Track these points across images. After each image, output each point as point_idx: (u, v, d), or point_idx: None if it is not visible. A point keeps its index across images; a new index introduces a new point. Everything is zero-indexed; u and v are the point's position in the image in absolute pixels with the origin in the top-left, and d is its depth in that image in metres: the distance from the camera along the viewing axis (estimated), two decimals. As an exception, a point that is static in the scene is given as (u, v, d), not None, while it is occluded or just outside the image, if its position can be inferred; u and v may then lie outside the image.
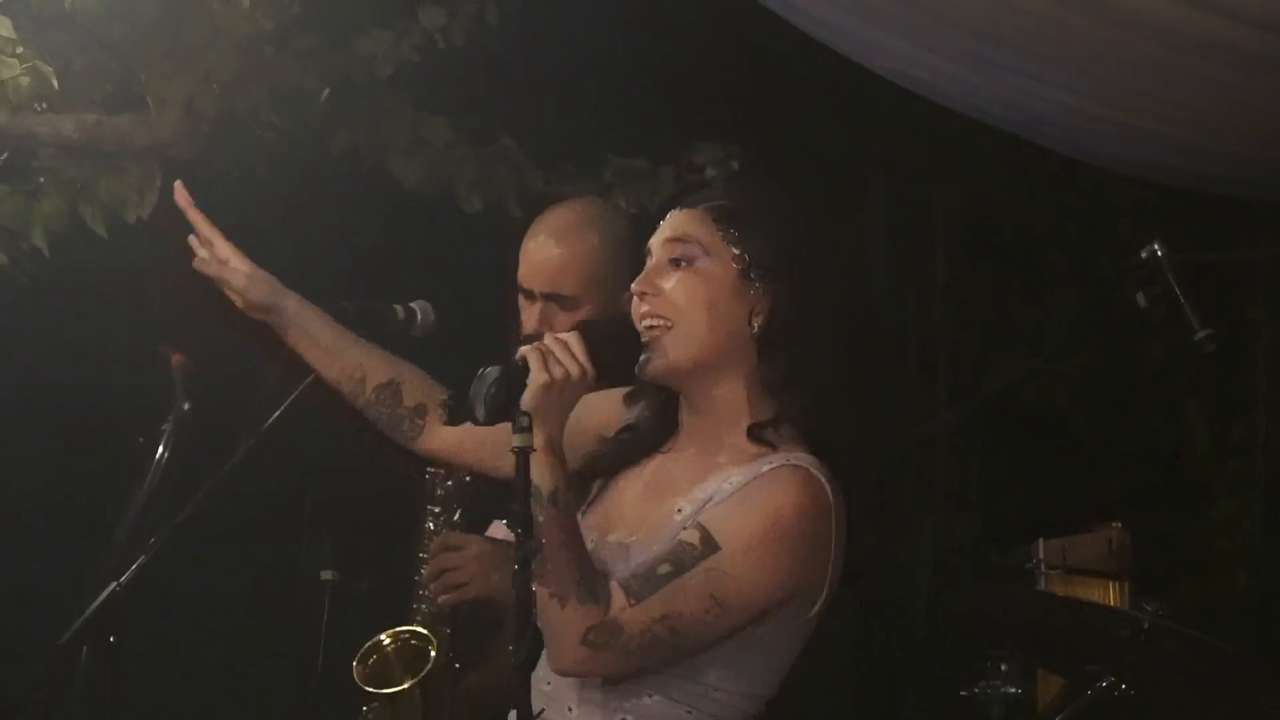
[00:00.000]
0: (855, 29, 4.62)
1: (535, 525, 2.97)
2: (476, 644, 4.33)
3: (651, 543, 3.15)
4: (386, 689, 4.31)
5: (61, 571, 4.49)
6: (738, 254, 3.22)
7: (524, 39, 5.34)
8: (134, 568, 3.95)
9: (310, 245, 5.11)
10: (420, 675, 4.29)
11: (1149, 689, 4.13)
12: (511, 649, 2.93)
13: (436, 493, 4.39)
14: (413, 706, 4.29)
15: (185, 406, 4.28)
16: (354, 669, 4.32)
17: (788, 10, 4.60)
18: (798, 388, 3.20)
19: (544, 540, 3.04)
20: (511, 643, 2.93)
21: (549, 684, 3.18)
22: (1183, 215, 5.60)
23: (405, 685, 4.30)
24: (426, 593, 4.27)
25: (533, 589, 2.95)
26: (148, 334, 4.67)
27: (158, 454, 4.23)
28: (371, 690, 4.32)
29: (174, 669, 5.27)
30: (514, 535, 2.95)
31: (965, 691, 4.73)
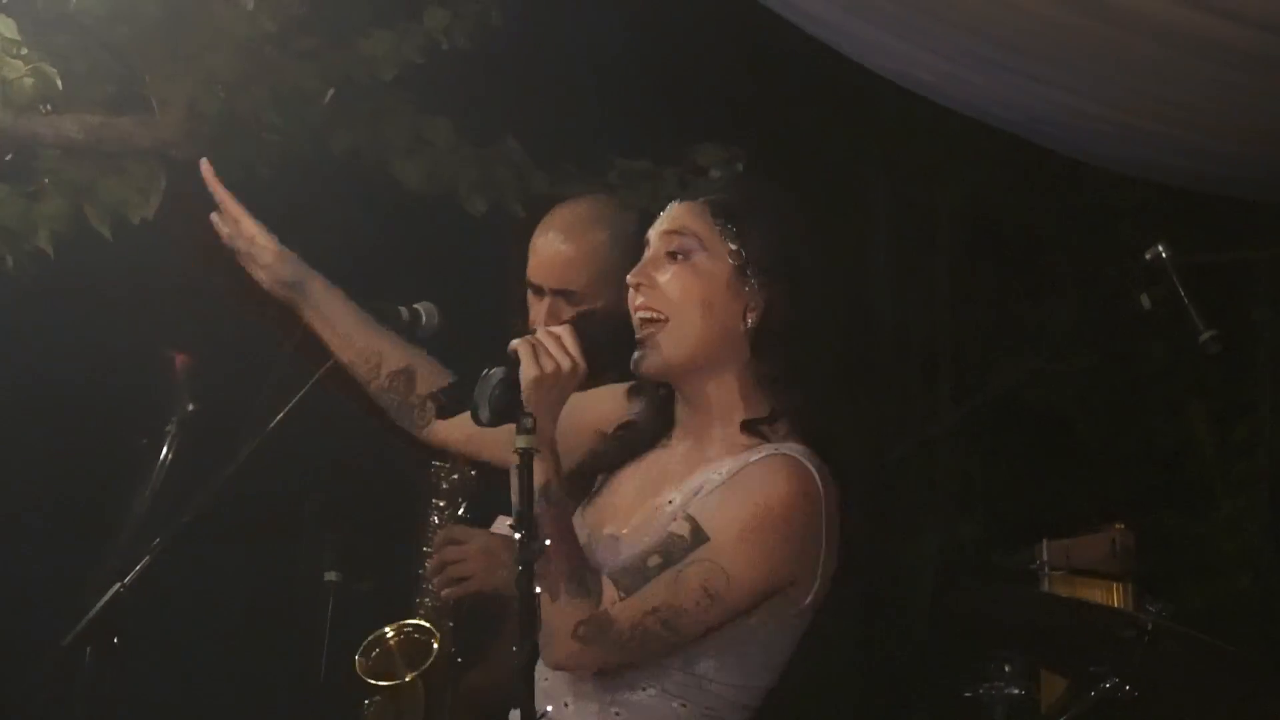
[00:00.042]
0: (856, 29, 4.62)
1: (535, 523, 2.96)
2: (480, 639, 4.33)
3: (643, 536, 3.16)
4: (389, 681, 4.32)
5: (65, 572, 4.50)
6: (734, 249, 3.22)
7: (527, 40, 5.34)
8: (137, 568, 3.97)
9: (313, 246, 5.10)
10: (423, 668, 4.29)
11: (1152, 690, 4.12)
12: (515, 649, 2.93)
13: (441, 486, 4.39)
14: (415, 700, 4.29)
15: (189, 407, 4.29)
16: (356, 661, 4.32)
17: (789, 11, 4.60)
18: (792, 385, 3.20)
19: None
20: (515, 642, 2.93)
21: (546, 679, 3.17)
22: (1186, 216, 5.59)
23: (408, 678, 4.30)
24: (430, 586, 4.27)
25: (536, 590, 2.94)
26: (151, 335, 4.67)
27: (161, 455, 4.24)
28: (374, 683, 4.32)
29: (177, 669, 5.28)
30: (517, 536, 2.94)
31: (969, 693, 4.73)
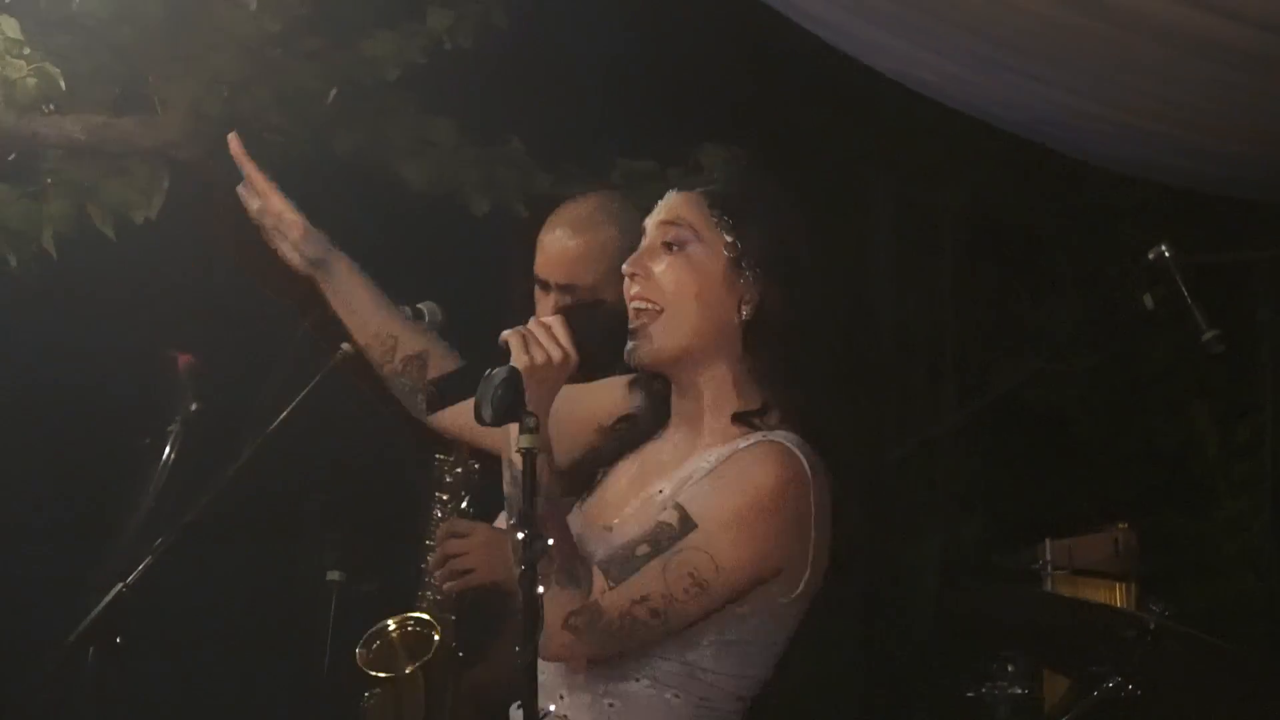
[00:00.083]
0: (858, 29, 4.63)
1: (539, 524, 2.94)
2: (482, 633, 4.33)
3: (634, 526, 3.15)
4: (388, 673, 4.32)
5: (68, 571, 4.50)
6: (730, 241, 3.21)
7: (530, 40, 5.34)
8: (140, 568, 3.97)
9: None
10: (423, 660, 4.29)
11: (1155, 690, 4.12)
12: (518, 649, 2.93)
13: (445, 480, 4.39)
14: (415, 693, 4.29)
15: (192, 407, 4.29)
16: (357, 653, 4.32)
17: (792, 11, 4.60)
18: (786, 378, 3.19)
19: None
20: (517, 639, 2.93)
21: (542, 673, 3.14)
22: (1189, 216, 5.59)
23: (408, 670, 4.30)
24: (432, 580, 4.27)
25: (539, 590, 2.93)
26: (154, 335, 4.68)
27: (164, 455, 4.24)
28: (374, 674, 4.32)
29: (179, 669, 5.28)
30: (520, 536, 2.93)
31: (971, 692, 4.73)
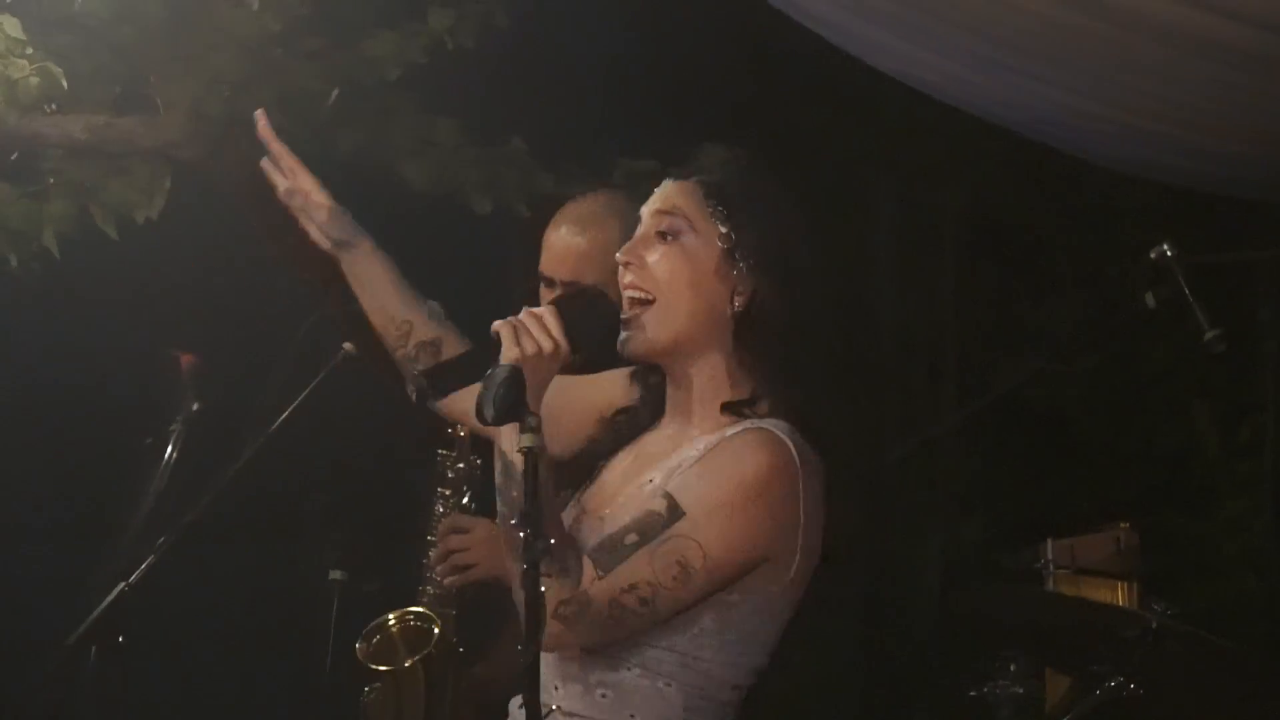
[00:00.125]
0: (859, 29, 4.62)
1: (543, 523, 2.94)
2: (483, 629, 4.33)
3: (624, 515, 3.16)
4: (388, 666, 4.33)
5: (70, 571, 4.50)
6: (724, 232, 3.22)
7: (531, 40, 5.34)
8: (142, 568, 3.97)
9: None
10: (422, 653, 4.29)
11: (1157, 689, 4.11)
12: (521, 648, 2.93)
13: (447, 476, 4.40)
14: (415, 687, 4.30)
15: (194, 407, 4.29)
16: (357, 646, 4.33)
17: (793, 10, 4.60)
18: (777, 370, 3.20)
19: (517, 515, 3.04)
20: (519, 637, 2.93)
21: None
22: (1191, 216, 5.58)
23: (407, 663, 4.31)
24: (434, 575, 4.28)
25: (542, 590, 2.92)
26: (156, 335, 4.68)
27: (166, 455, 4.25)
28: (374, 667, 4.32)
29: (181, 669, 5.28)
30: (522, 536, 2.92)
31: (973, 692, 4.72)
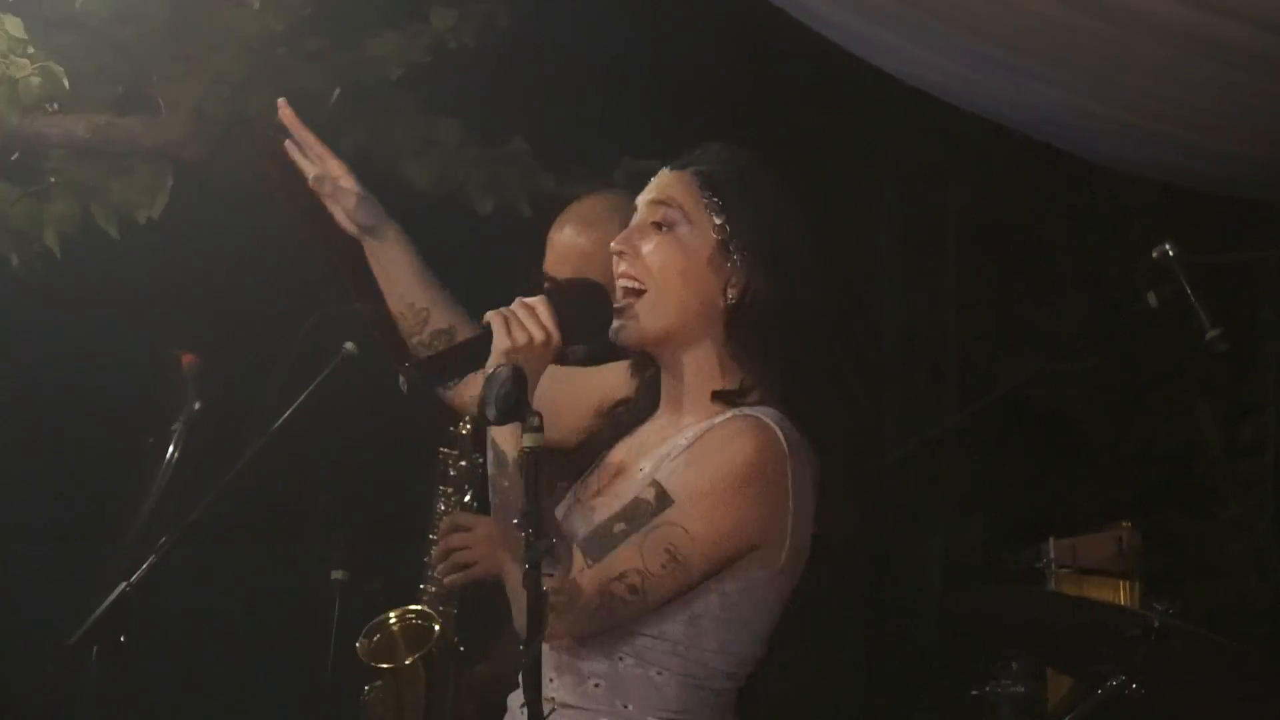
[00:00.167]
0: (861, 28, 4.62)
1: (545, 523, 2.93)
2: (484, 627, 4.33)
3: (615, 504, 3.16)
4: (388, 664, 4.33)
5: (71, 571, 4.50)
6: (719, 224, 3.21)
7: (534, 40, 5.33)
8: (144, 567, 3.97)
9: (321, 246, 5.11)
10: (423, 651, 4.29)
11: (1159, 688, 4.12)
12: (522, 648, 2.93)
13: (449, 474, 4.40)
14: (415, 685, 4.30)
15: (195, 407, 4.29)
16: (358, 644, 4.33)
17: (796, 10, 4.60)
18: (769, 361, 3.19)
19: (505, 506, 3.04)
20: (520, 636, 2.93)
21: None
22: (1193, 216, 5.58)
23: (407, 661, 4.31)
24: (435, 573, 4.28)
25: (544, 589, 2.91)
26: (157, 335, 4.68)
27: (168, 454, 4.25)
28: (374, 665, 4.33)
29: (182, 668, 5.29)
30: (524, 535, 2.91)
31: (975, 691, 4.73)
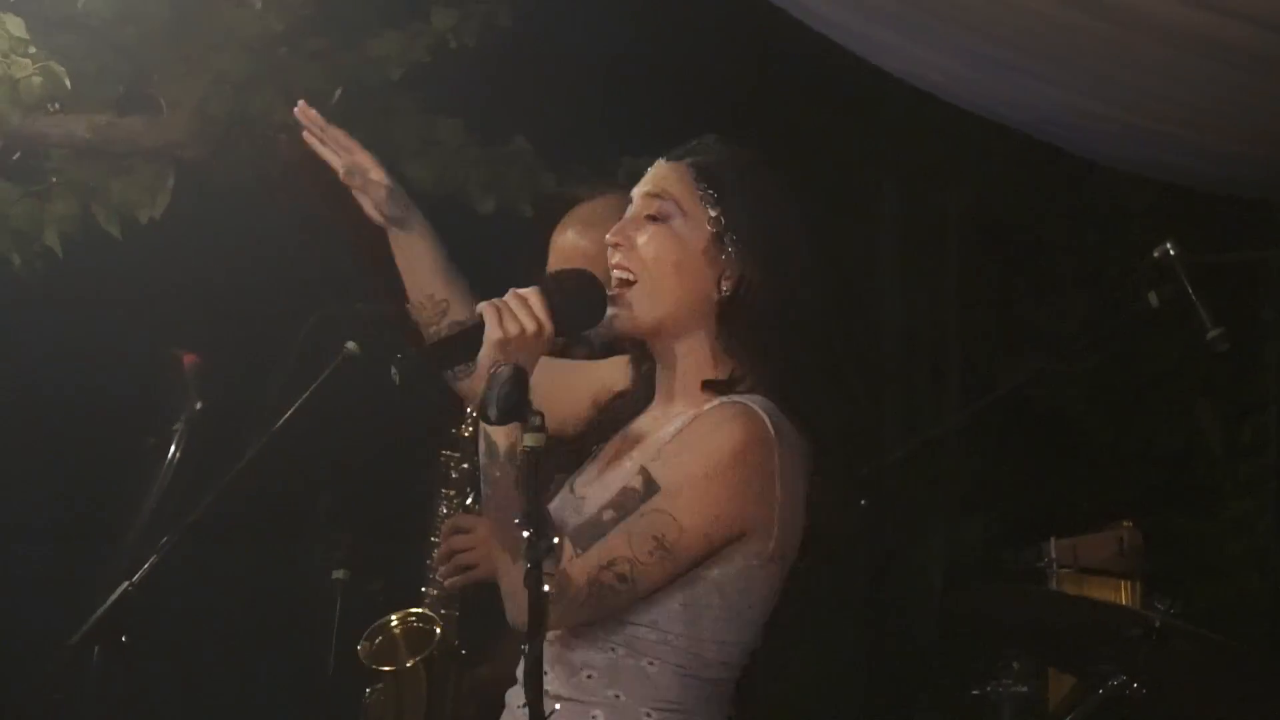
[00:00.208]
0: (863, 28, 4.62)
1: (546, 522, 2.93)
2: (485, 629, 4.33)
3: (604, 493, 3.16)
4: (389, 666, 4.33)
5: (73, 571, 4.50)
6: (714, 216, 3.20)
7: (535, 39, 5.34)
8: (145, 567, 3.97)
9: (322, 245, 5.12)
10: (424, 654, 4.29)
11: (1160, 688, 4.12)
12: (524, 648, 2.93)
13: (451, 476, 4.40)
14: (416, 688, 4.30)
15: (197, 407, 4.30)
16: (359, 647, 4.33)
17: (797, 10, 4.60)
18: (762, 353, 3.19)
19: (496, 496, 3.04)
20: (523, 641, 2.92)
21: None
22: (1195, 216, 5.59)
23: (409, 663, 4.31)
24: (436, 576, 4.28)
25: (545, 589, 2.90)
26: (159, 335, 4.68)
27: (169, 454, 4.25)
28: (375, 667, 4.33)
29: (184, 668, 5.29)
30: (525, 534, 2.91)
31: (976, 691, 4.73)
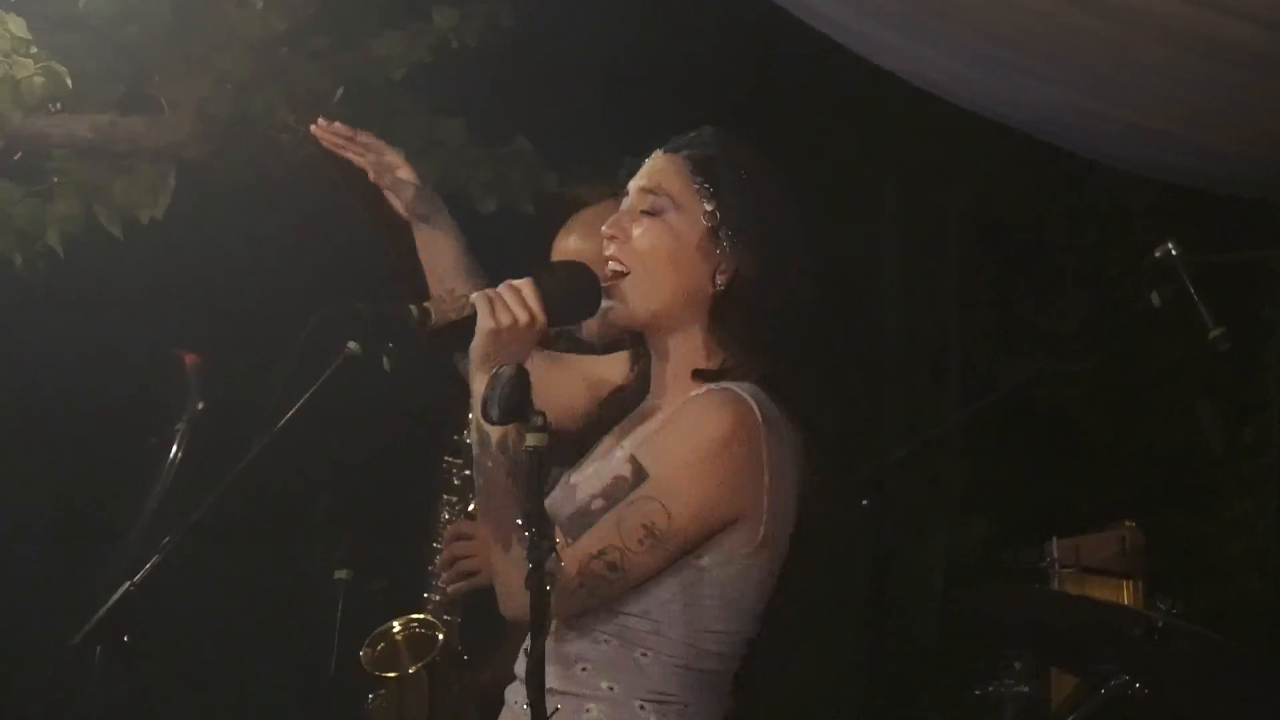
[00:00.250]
0: (864, 28, 4.62)
1: (547, 522, 2.94)
2: (487, 635, 4.33)
3: (596, 483, 3.16)
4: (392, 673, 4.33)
5: (75, 571, 4.50)
6: (709, 210, 3.20)
7: (537, 39, 5.34)
8: (147, 567, 3.96)
9: (323, 244, 5.12)
10: (426, 660, 4.29)
11: (1162, 688, 4.12)
12: (525, 648, 2.93)
13: (453, 482, 4.40)
14: (419, 693, 4.30)
15: (199, 406, 4.30)
16: (361, 653, 4.33)
17: (798, 9, 4.60)
18: (755, 345, 3.18)
19: (488, 487, 3.05)
20: (525, 640, 2.92)
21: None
22: (1196, 215, 5.58)
23: (411, 669, 4.31)
24: (438, 582, 4.28)
25: (547, 589, 2.90)
26: (160, 334, 4.68)
27: (171, 454, 4.25)
28: (377, 673, 4.33)
29: (186, 668, 5.28)
30: (527, 535, 2.91)
31: (978, 690, 4.72)
